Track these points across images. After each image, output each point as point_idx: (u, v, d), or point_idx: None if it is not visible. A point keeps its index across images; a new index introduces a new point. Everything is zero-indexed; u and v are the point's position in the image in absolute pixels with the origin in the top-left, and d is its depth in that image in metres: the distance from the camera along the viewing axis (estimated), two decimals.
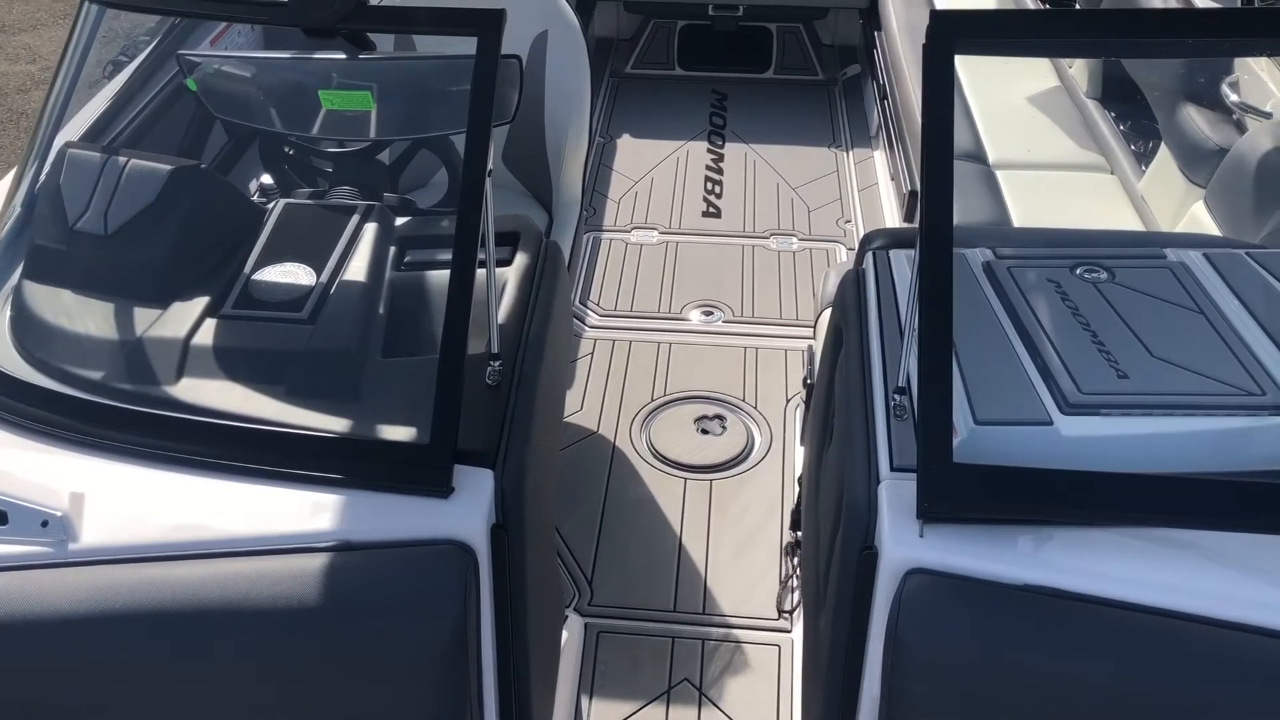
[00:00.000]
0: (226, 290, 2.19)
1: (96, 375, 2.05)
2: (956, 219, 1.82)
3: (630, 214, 4.72)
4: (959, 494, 1.72)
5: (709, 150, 5.21)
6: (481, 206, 1.90)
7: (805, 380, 3.19)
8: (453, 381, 1.84)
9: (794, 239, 4.59)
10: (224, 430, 1.91)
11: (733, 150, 5.21)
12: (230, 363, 2.06)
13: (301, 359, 2.08)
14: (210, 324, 2.12)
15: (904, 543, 1.73)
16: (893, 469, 1.85)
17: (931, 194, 1.83)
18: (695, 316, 4.12)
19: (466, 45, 2.07)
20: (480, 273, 1.92)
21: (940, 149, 1.85)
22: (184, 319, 2.12)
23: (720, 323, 4.09)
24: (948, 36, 1.88)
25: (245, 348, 2.10)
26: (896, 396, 1.97)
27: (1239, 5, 3.42)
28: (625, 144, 5.25)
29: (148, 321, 2.13)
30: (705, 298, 4.22)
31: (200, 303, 2.16)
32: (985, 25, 2.03)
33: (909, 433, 1.91)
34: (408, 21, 2.19)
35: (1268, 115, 3.04)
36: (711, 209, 4.77)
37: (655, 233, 4.60)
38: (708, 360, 3.90)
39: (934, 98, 1.87)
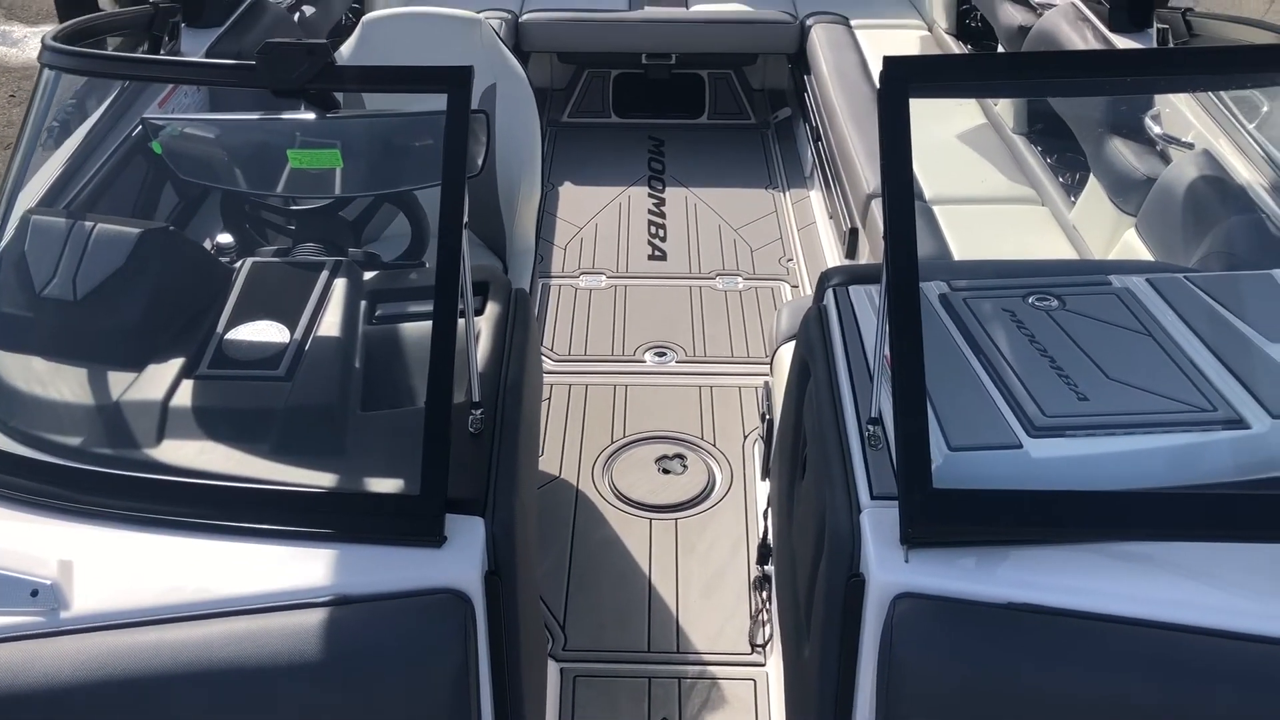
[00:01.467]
0: (201, 351, 2.19)
1: (74, 441, 2.04)
2: None
3: (577, 260, 4.78)
4: (941, 518, 1.78)
5: (650, 195, 5.30)
6: (460, 258, 1.93)
7: (763, 416, 3.26)
8: (440, 431, 1.86)
9: (739, 278, 4.68)
10: (211, 490, 1.91)
11: (673, 194, 5.31)
12: (211, 423, 2.06)
13: (282, 416, 2.09)
14: (187, 385, 2.12)
15: (890, 568, 1.79)
16: (873, 497, 1.92)
17: (895, 231, 1.91)
18: (649, 358, 4.17)
19: (424, 102, 2.12)
20: (458, 322, 1.95)
21: (900, 187, 1.94)
22: (160, 381, 2.12)
23: (674, 363, 4.15)
24: (902, 80, 1.97)
25: (224, 407, 2.10)
26: (870, 427, 2.03)
27: (1154, 45, 3.60)
28: (567, 191, 5.32)
29: (123, 385, 2.12)
30: (657, 339, 4.28)
31: (175, 364, 2.16)
32: (936, 69, 2.14)
33: (885, 462, 1.98)
34: (377, 80, 2.23)
35: (1190, 146, 3.20)
36: (657, 252, 4.84)
37: (603, 277, 4.66)
38: (664, 400, 3.95)
39: (891, 139, 1.96)
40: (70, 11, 3.25)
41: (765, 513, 3.11)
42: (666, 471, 3.66)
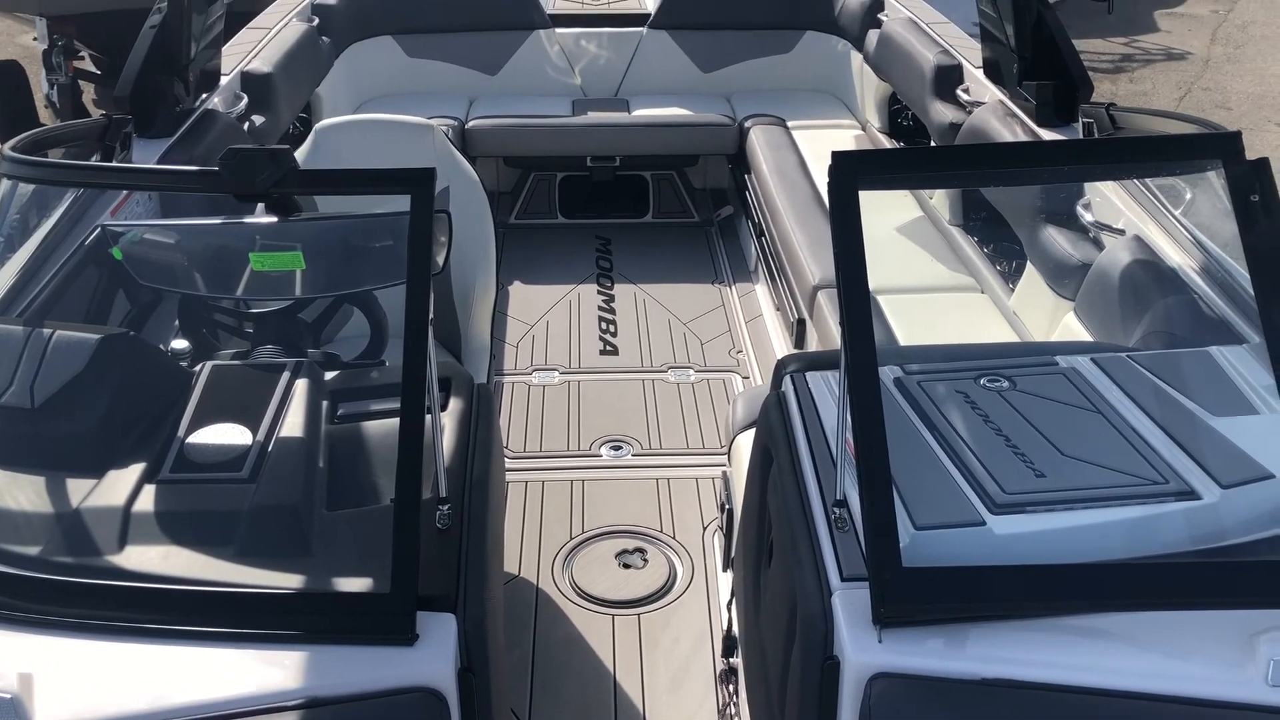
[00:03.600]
0: (162, 455, 2.17)
1: (33, 551, 2.00)
2: None
3: (530, 357, 4.81)
4: (912, 597, 1.81)
5: (599, 292, 5.37)
6: (427, 354, 1.95)
7: (722, 506, 3.27)
8: (410, 527, 1.86)
9: (691, 371, 4.73)
10: (175, 595, 1.87)
11: (622, 291, 5.38)
12: (174, 527, 2.03)
13: (247, 518, 2.07)
14: (149, 490, 2.09)
15: (865, 649, 1.80)
16: (843, 579, 1.94)
17: (851, 317, 1.97)
18: (605, 452, 4.19)
19: (379, 207, 2.16)
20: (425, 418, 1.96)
21: (854, 275, 2.00)
22: (121, 487, 2.09)
23: (630, 456, 4.17)
24: (850, 174, 2.06)
25: (188, 511, 2.08)
26: (836, 510, 2.06)
27: (1080, 136, 3.78)
28: (517, 290, 5.37)
29: (83, 492, 2.09)
30: (612, 433, 4.30)
31: (136, 469, 2.13)
32: (882, 162, 2.23)
33: (853, 543, 2.00)
34: (340, 183, 2.27)
35: (1121, 232, 3.34)
36: (609, 347, 4.89)
37: (556, 373, 4.69)
38: (622, 494, 3.95)
39: (843, 229, 2.03)
40: (13, 128, 3.27)
41: (729, 604, 3.11)
42: (627, 566, 3.64)
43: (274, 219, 2.29)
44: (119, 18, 6.38)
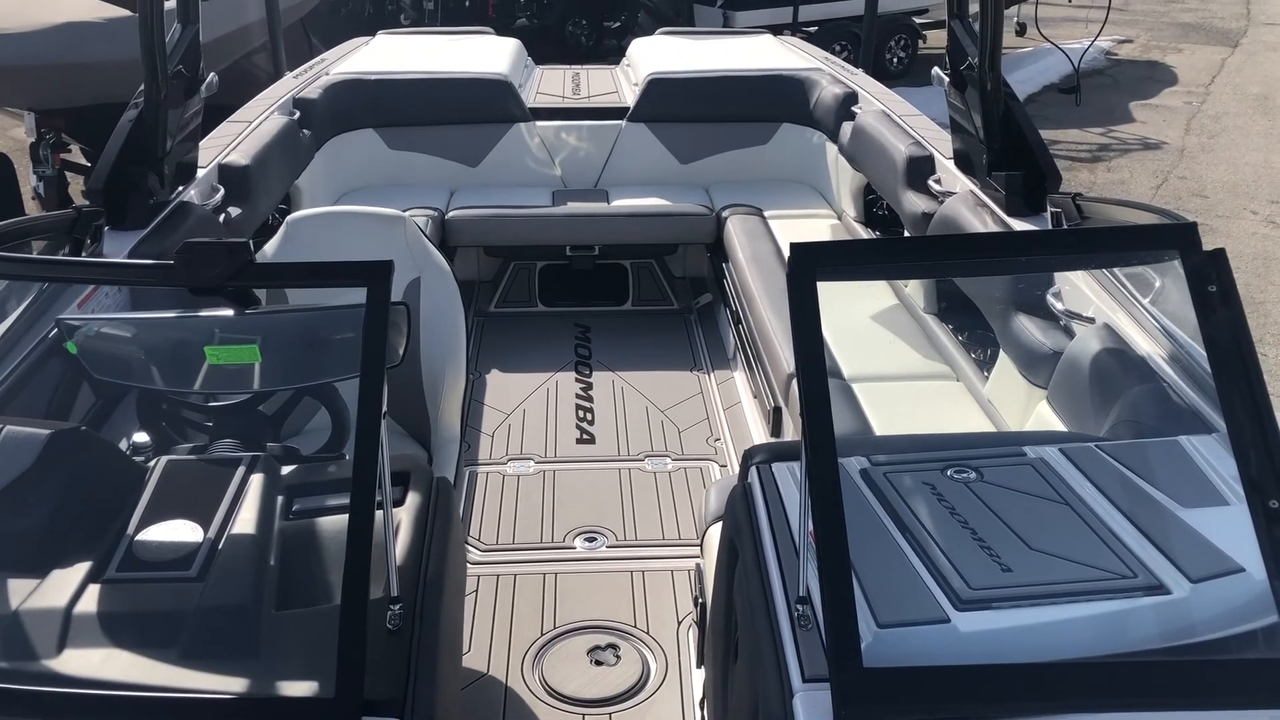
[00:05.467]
0: (109, 554, 2.11)
1: None
2: None
3: (505, 446, 4.77)
4: (874, 699, 1.75)
5: (577, 380, 5.35)
6: (379, 448, 1.92)
7: (696, 599, 3.21)
8: (356, 629, 1.80)
9: (668, 459, 4.69)
10: (114, 701, 1.81)
11: (600, 378, 5.36)
12: (116, 629, 1.97)
13: (193, 619, 2.01)
14: (94, 590, 2.03)
15: None
16: (805, 680, 1.88)
17: (811, 409, 1.95)
18: (579, 544, 4.12)
19: (350, 296, 2.14)
20: (376, 515, 1.92)
21: (813, 367, 1.99)
22: (64, 587, 2.03)
23: (604, 548, 4.10)
24: (809, 265, 2.05)
25: (132, 612, 2.02)
26: (799, 607, 2.01)
27: (1049, 225, 3.81)
28: (495, 379, 5.35)
29: (25, 593, 2.03)
30: (587, 524, 4.23)
31: (81, 569, 2.07)
32: (840, 254, 2.23)
33: (816, 642, 1.95)
34: (297, 277, 2.25)
35: (1090, 320, 3.34)
36: (585, 435, 4.85)
37: (531, 463, 4.64)
38: (595, 588, 3.87)
39: (802, 322, 2.02)
40: None
41: (701, 702, 3.03)
42: (599, 663, 3.55)
43: (232, 312, 2.27)
44: (108, 111, 6.43)
